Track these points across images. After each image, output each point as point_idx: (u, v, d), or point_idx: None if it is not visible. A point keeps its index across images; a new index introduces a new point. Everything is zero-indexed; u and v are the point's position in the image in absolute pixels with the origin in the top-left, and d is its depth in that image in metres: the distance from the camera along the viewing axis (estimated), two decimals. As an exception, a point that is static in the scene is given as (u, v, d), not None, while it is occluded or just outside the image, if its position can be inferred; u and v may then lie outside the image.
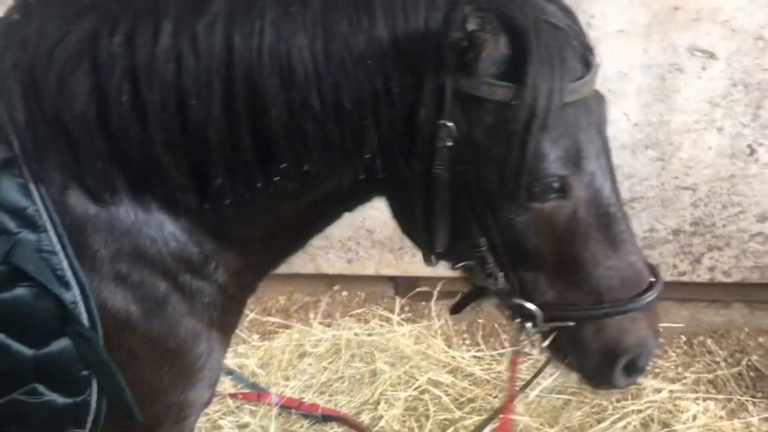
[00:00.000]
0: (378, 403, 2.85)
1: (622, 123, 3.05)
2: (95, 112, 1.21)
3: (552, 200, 1.27)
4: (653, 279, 1.35)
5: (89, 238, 1.26)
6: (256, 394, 2.82)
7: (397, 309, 3.46)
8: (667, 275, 3.30)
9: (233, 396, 2.82)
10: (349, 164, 1.29)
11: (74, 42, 1.21)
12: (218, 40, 1.20)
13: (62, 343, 1.24)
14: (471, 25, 1.18)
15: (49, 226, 1.21)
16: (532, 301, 1.35)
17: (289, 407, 2.77)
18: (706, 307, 3.47)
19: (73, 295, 1.22)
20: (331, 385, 2.97)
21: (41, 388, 1.27)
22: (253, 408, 2.80)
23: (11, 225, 1.20)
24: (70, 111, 1.20)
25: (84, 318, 1.23)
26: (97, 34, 1.21)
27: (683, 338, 3.34)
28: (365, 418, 2.78)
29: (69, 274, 1.22)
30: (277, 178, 1.28)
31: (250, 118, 1.23)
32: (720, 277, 3.35)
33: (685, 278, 3.36)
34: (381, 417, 2.76)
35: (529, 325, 1.36)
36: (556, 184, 1.26)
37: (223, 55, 1.20)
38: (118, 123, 1.21)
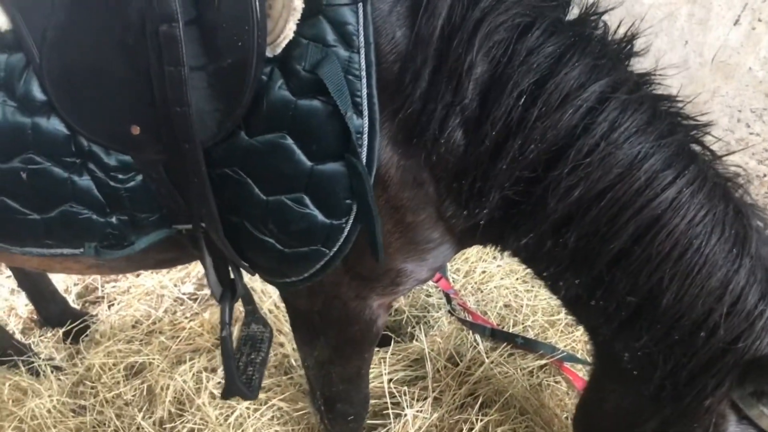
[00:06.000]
0: None
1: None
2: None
3: None
4: None
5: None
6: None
7: None
8: None
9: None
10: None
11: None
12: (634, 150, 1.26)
13: (336, 167, 1.26)
14: None
15: (363, 49, 1.20)
16: None
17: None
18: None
19: (362, 125, 1.23)
20: None
21: (307, 200, 1.29)
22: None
23: (330, 37, 1.19)
24: None
25: (364, 152, 1.24)
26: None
27: None
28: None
29: (365, 104, 1.22)
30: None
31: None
32: None
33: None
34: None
35: None
36: None
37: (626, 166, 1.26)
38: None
